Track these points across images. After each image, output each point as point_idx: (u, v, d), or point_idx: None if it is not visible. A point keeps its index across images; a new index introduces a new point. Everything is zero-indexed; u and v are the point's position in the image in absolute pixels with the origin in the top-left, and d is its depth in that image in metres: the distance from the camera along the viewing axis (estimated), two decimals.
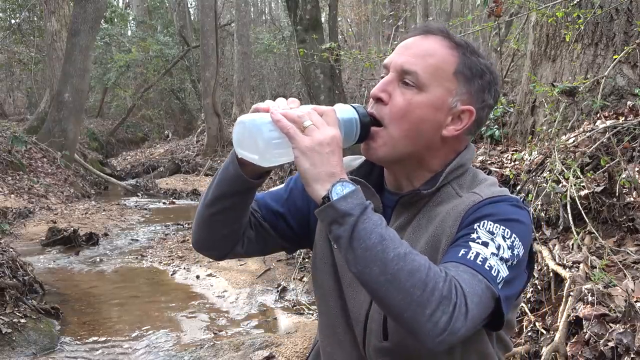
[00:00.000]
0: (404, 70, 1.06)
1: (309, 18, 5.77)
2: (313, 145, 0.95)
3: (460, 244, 0.98)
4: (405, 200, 1.11)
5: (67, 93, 11.82)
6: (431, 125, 1.07)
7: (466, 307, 0.88)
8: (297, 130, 0.96)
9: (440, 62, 1.07)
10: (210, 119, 16.36)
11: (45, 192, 9.82)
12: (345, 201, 0.92)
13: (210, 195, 1.14)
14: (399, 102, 1.06)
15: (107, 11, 15.78)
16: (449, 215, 1.06)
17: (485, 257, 0.95)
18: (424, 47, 1.08)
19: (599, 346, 2.14)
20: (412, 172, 1.13)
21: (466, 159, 1.13)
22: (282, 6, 20.93)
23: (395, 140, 1.07)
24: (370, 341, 1.11)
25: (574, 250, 2.88)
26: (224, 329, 4.11)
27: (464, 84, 1.08)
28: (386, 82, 1.08)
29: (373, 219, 0.92)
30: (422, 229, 1.09)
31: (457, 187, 1.11)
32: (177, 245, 6.79)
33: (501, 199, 1.05)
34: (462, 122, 1.09)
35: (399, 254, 0.89)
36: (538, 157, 3.83)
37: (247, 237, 1.20)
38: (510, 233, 0.99)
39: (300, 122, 0.97)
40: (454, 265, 0.94)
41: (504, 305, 0.95)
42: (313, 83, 5.90)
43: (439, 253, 1.03)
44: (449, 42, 1.09)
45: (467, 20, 4.90)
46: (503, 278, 0.95)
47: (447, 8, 18.20)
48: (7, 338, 3.57)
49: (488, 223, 0.99)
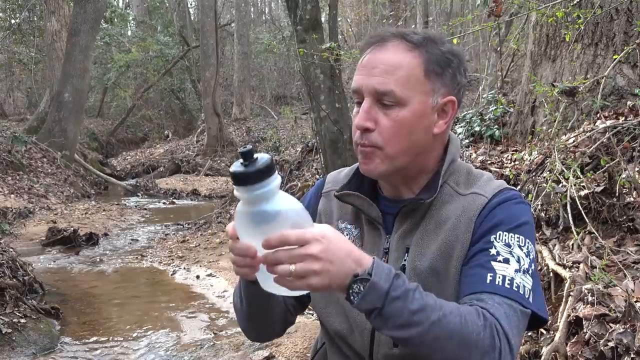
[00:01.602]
0: (379, 92, 1.05)
1: (309, 18, 5.77)
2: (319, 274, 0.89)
3: (484, 264, 1.02)
4: (408, 207, 1.12)
5: (67, 93, 11.82)
6: (423, 131, 1.09)
7: (509, 346, 0.94)
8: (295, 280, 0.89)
9: (409, 71, 1.06)
10: (210, 119, 16.36)
11: (45, 192, 9.82)
12: (365, 301, 0.90)
13: (240, 306, 1.18)
14: (386, 125, 1.06)
15: (107, 11, 15.79)
16: (460, 221, 1.07)
17: (512, 278, 1.00)
18: (388, 61, 1.06)
19: (599, 346, 2.14)
20: (410, 179, 1.14)
21: (454, 152, 1.16)
22: (282, 6, 20.93)
23: (393, 156, 1.08)
24: (379, 349, 1.10)
25: (574, 250, 2.88)
26: (224, 329, 4.10)
27: (438, 80, 1.09)
28: (366, 109, 1.07)
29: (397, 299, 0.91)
30: (430, 234, 1.10)
31: (454, 184, 1.13)
32: (177, 245, 6.80)
33: (506, 198, 1.09)
34: (447, 114, 1.11)
35: (432, 322, 0.90)
36: (538, 157, 3.83)
37: (291, 306, 1.25)
38: (524, 240, 1.05)
39: (287, 271, 0.88)
40: (489, 297, 0.98)
41: (538, 312, 1.01)
42: (313, 83, 5.90)
43: (452, 259, 1.06)
44: (407, 44, 1.08)
45: (467, 20, 4.90)
46: (530, 290, 1.01)
47: (447, 8, 18.22)
48: (7, 338, 3.58)
49: (503, 235, 1.04)
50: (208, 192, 12.10)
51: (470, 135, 5.46)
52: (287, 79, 24.43)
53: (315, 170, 7.52)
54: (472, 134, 5.46)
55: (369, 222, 1.16)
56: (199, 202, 11.18)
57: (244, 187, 0.88)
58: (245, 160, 0.88)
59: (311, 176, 7.46)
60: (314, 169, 7.64)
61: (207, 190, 12.34)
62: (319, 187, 1.30)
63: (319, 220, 1.24)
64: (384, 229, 1.14)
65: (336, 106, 5.91)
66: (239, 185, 0.88)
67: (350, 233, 1.18)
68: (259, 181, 0.87)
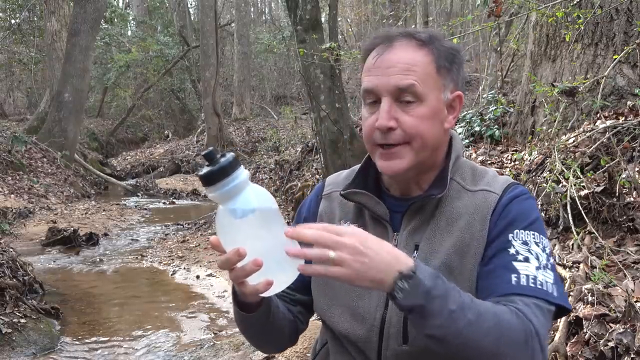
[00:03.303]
0: (400, 88, 1.07)
1: (309, 18, 5.77)
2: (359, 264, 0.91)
3: (506, 265, 1.04)
4: (417, 204, 1.13)
5: (67, 93, 11.82)
6: (439, 126, 1.11)
7: (541, 345, 0.97)
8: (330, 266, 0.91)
9: (424, 68, 1.08)
10: (210, 119, 16.36)
11: (45, 192, 9.82)
12: (409, 298, 0.91)
13: (243, 331, 1.20)
14: (408, 121, 1.07)
15: (107, 11, 15.79)
16: (474, 219, 1.09)
17: (535, 276, 1.03)
18: (403, 59, 1.08)
19: (599, 346, 2.14)
20: (422, 175, 1.15)
21: (459, 148, 1.18)
22: (282, 6, 20.93)
23: (416, 152, 1.09)
24: (388, 346, 1.10)
25: (574, 250, 2.88)
26: (224, 329, 4.10)
27: (448, 76, 1.11)
28: (387, 109, 1.08)
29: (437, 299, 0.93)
30: (442, 231, 1.11)
31: (461, 179, 1.15)
32: (177, 245, 6.80)
33: (516, 194, 1.12)
34: (455, 109, 1.14)
35: (469, 321, 0.92)
36: (538, 157, 3.83)
37: (299, 314, 1.26)
38: (538, 236, 1.08)
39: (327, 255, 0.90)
40: (518, 298, 1.01)
41: (563, 304, 1.04)
42: (313, 83, 5.89)
43: (467, 256, 1.08)
44: (416, 42, 1.10)
45: (467, 20, 4.90)
46: (552, 284, 1.04)
47: (447, 8, 18.22)
48: (7, 338, 3.57)
49: (519, 233, 1.07)
50: None
51: (470, 135, 5.46)
52: (287, 79, 24.43)
53: (315, 170, 7.52)
54: (472, 134, 5.46)
55: (374, 219, 1.17)
56: (199, 202, 11.18)
57: (213, 187, 0.89)
58: (209, 162, 0.90)
59: (311, 176, 7.47)
60: (314, 169, 7.64)
61: None
62: (318, 191, 1.30)
63: (321, 221, 1.24)
64: (391, 227, 1.15)
65: (336, 106, 5.91)
66: (208, 186, 0.90)
67: None
68: (225, 177, 0.89)
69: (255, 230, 0.92)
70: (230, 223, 0.92)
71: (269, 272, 0.92)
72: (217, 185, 0.89)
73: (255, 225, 0.92)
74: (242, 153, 16.17)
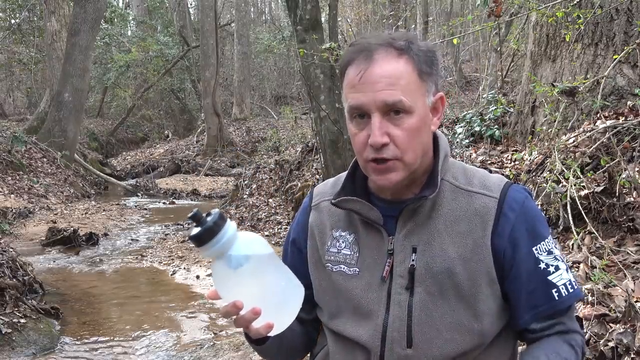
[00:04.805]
0: (389, 104, 1.05)
1: (309, 18, 5.76)
2: None
3: (543, 281, 1.11)
4: (411, 207, 1.12)
5: (67, 93, 11.82)
6: (427, 132, 1.12)
7: (583, 345, 1.13)
8: None
9: (408, 78, 1.07)
10: (210, 119, 16.37)
11: (45, 192, 9.82)
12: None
13: (259, 354, 1.24)
14: (400, 135, 1.07)
15: (107, 11, 15.80)
16: (475, 225, 1.10)
17: (569, 279, 1.12)
18: (386, 73, 1.06)
19: (599, 346, 2.14)
20: (414, 180, 1.15)
21: (445, 147, 1.18)
22: (282, 6, 20.93)
23: (411, 163, 1.10)
24: (392, 350, 1.10)
25: (574, 250, 2.88)
26: (224, 329, 4.10)
27: (429, 79, 1.10)
28: (379, 125, 1.06)
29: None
30: (441, 234, 1.11)
31: (453, 179, 1.15)
32: (177, 245, 6.79)
33: (515, 199, 1.12)
34: (438, 110, 1.14)
35: None
36: (538, 157, 3.83)
37: (310, 326, 1.28)
38: (551, 239, 1.13)
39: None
40: (565, 317, 1.13)
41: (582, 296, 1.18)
42: (313, 83, 5.89)
43: (471, 263, 1.09)
44: (396, 51, 1.08)
45: (467, 20, 4.90)
46: (574, 279, 1.13)
47: (447, 8, 18.22)
48: (7, 338, 3.57)
49: (542, 245, 1.11)
50: (208, 192, 12.10)
51: (470, 135, 5.46)
52: (287, 79, 24.44)
53: (315, 170, 7.51)
54: (472, 134, 5.46)
55: (367, 225, 1.16)
56: (199, 202, 11.17)
57: (204, 247, 0.94)
58: (196, 223, 0.94)
59: (311, 176, 7.46)
60: (314, 169, 7.63)
61: (207, 190, 12.34)
62: (306, 203, 1.29)
63: (312, 232, 1.23)
64: (386, 231, 1.14)
65: (336, 106, 5.90)
66: (200, 246, 0.94)
67: (345, 240, 1.18)
68: (213, 236, 0.93)
69: (250, 278, 0.97)
70: (226, 275, 0.96)
71: (269, 316, 0.98)
72: (207, 245, 0.94)
73: (250, 274, 0.96)
74: (242, 153, 16.18)
